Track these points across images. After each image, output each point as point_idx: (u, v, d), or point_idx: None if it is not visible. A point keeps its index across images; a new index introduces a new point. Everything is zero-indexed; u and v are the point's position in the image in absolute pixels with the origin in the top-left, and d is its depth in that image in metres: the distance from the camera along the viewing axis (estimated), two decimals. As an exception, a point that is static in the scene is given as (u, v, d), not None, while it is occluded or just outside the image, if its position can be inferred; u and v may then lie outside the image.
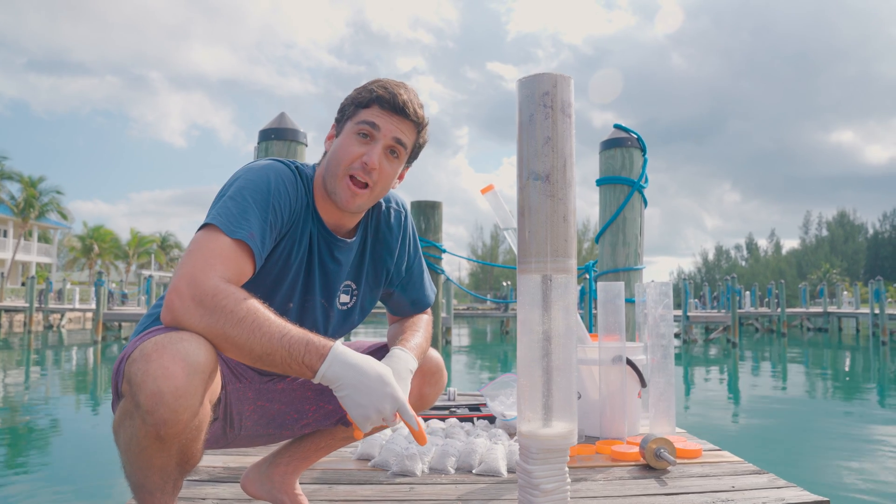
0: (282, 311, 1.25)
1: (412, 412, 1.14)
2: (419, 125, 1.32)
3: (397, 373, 1.22)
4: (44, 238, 45.01)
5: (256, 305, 1.10)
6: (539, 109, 1.12)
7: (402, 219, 1.49)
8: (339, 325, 1.43)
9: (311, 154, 3.55)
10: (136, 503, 1.14)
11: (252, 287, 1.26)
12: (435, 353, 1.51)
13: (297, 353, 1.08)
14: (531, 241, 1.13)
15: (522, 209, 1.14)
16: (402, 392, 1.17)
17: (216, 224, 1.15)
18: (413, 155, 1.37)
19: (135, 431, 1.03)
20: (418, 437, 1.13)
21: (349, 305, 1.43)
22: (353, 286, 1.43)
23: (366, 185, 1.28)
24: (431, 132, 1.39)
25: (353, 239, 1.39)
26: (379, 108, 1.27)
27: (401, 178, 1.39)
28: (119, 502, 1.67)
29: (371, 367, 1.12)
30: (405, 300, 1.52)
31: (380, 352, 1.53)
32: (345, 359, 1.11)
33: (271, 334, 1.08)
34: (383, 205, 1.46)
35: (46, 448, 5.85)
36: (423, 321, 1.51)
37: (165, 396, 1.00)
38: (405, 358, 1.28)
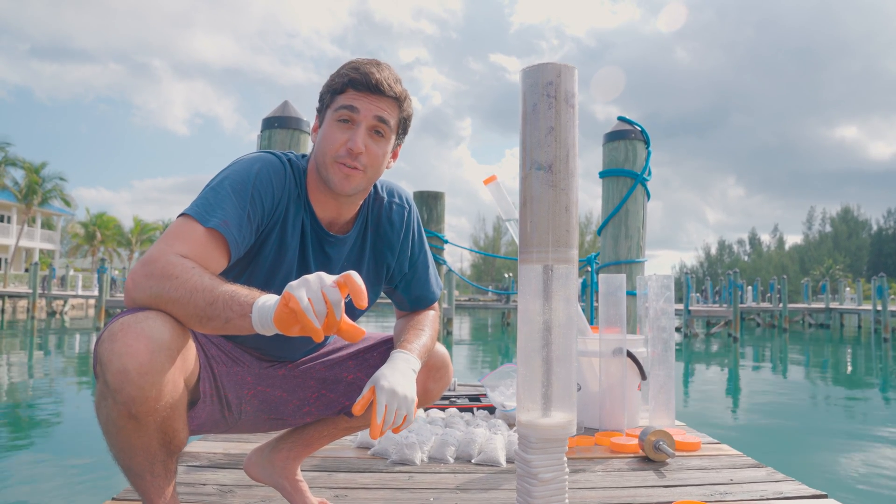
0: None
1: (356, 287, 1.00)
2: (399, 99, 1.30)
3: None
4: (47, 225, 45.07)
5: (202, 271, 1.08)
6: (542, 99, 1.12)
7: (406, 214, 1.46)
8: None
9: (314, 143, 3.53)
10: (132, 489, 1.15)
11: (249, 279, 1.26)
12: (441, 349, 1.50)
13: (241, 294, 1.05)
14: (533, 230, 1.13)
15: (524, 199, 1.14)
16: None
17: (190, 213, 1.16)
18: (401, 130, 1.35)
19: (110, 412, 1.05)
20: (349, 334, 1.01)
21: (345, 300, 1.41)
22: None
23: (356, 169, 1.27)
24: (434, 123, 1.39)
25: (349, 234, 1.38)
26: (354, 91, 1.26)
27: (395, 155, 1.37)
28: (118, 486, 1.68)
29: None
30: (410, 297, 1.51)
31: (386, 344, 1.53)
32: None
33: (212, 286, 1.05)
34: (385, 199, 1.43)
35: (48, 433, 5.89)
36: (429, 319, 1.50)
37: (130, 374, 1.00)
38: (405, 358, 1.29)
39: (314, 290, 0.98)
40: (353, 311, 1.44)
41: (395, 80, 1.29)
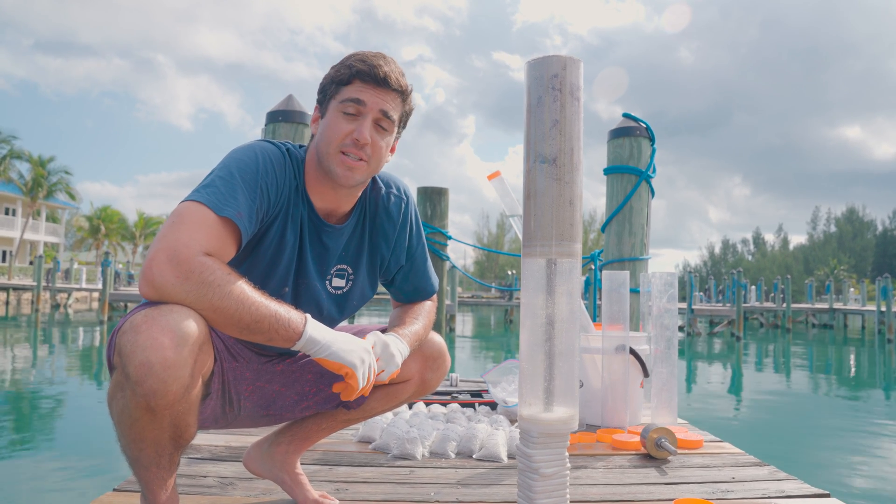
0: (278, 295, 1.24)
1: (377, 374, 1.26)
2: (403, 94, 1.31)
3: (355, 341, 1.25)
4: (52, 218, 45.18)
5: (242, 279, 1.13)
6: (548, 92, 1.11)
7: (403, 206, 1.45)
8: (337, 309, 1.42)
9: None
10: (134, 478, 1.15)
11: (248, 270, 1.25)
12: (437, 338, 1.49)
13: (284, 319, 1.13)
14: (536, 224, 1.12)
15: (528, 192, 1.13)
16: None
17: (202, 201, 1.14)
18: (402, 124, 1.36)
19: (126, 403, 1.04)
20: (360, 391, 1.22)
21: (345, 290, 1.41)
22: (350, 271, 1.41)
23: (360, 160, 1.27)
24: (437, 120, 1.40)
25: (346, 224, 1.37)
26: (361, 83, 1.26)
27: (392, 150, 1.37)
28: (119, 477, 1.68)
29: (342, 332, 1.23)
30: (408, 288, 1.50)
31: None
32: (320, 325, 1.20)
33: (259, 304, 1.12)
34: (383, 189, 1.42)
35: (51, 424, 5.91)
36: (425, 308, 1.50)
37: (154, 367, 1.00)
38: (384, 334, 1.31)
39: (368, 368, 1.22)
40: (349, 305, 1.44)
41: (400, 74, 1.30)
